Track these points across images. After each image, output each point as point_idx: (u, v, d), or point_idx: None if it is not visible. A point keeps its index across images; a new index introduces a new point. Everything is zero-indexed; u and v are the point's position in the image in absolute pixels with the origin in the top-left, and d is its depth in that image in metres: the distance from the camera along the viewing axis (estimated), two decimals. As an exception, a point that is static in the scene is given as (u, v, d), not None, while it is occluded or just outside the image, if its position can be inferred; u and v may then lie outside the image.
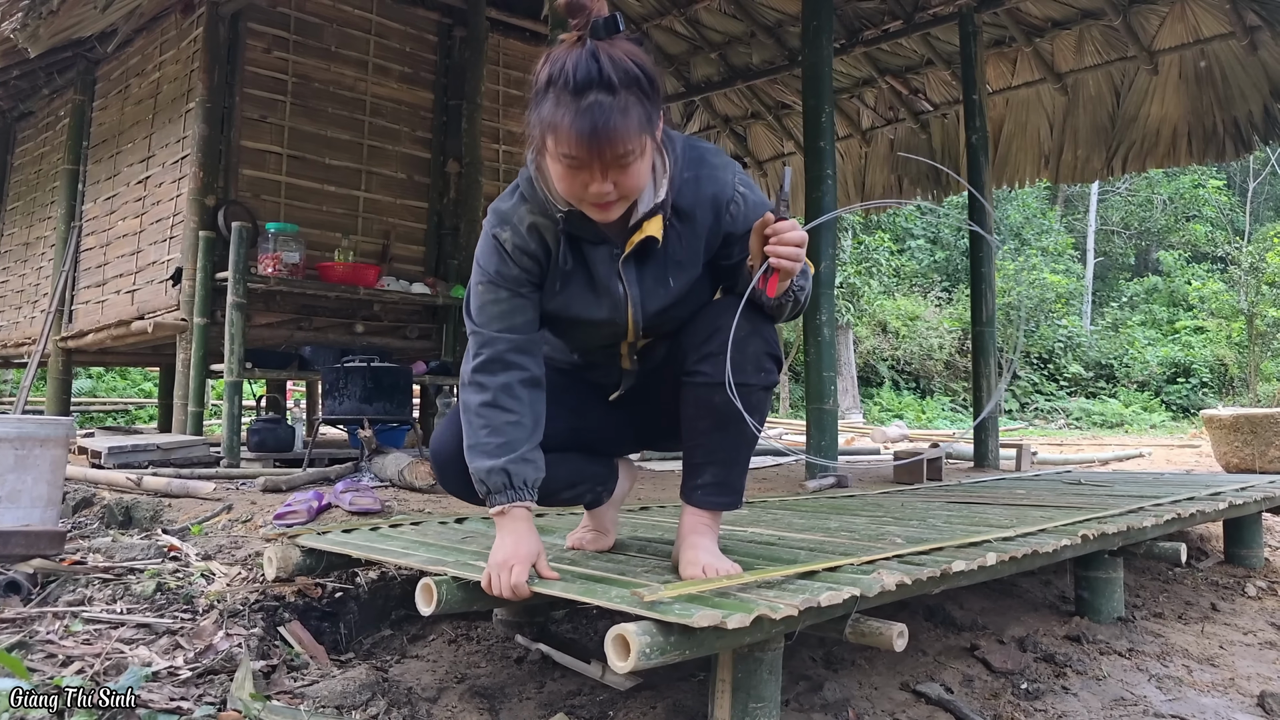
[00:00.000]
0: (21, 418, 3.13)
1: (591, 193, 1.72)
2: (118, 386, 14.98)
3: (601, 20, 1.70)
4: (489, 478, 1.87)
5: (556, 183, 1.77)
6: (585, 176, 1.71)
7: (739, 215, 1.92)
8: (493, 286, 1.91)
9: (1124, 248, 29.97)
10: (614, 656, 1.48)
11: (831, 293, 4.96)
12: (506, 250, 1.90)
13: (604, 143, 1.65)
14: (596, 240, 1.89)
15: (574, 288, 1.93)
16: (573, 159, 1.68)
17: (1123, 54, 6.80)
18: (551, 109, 1.68)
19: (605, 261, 1.91)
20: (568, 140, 1.66)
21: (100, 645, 2.12)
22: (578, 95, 1.65)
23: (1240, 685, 2.47)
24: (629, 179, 1.73)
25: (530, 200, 1.90)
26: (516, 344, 1.91)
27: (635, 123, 1.67)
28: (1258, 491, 3.85)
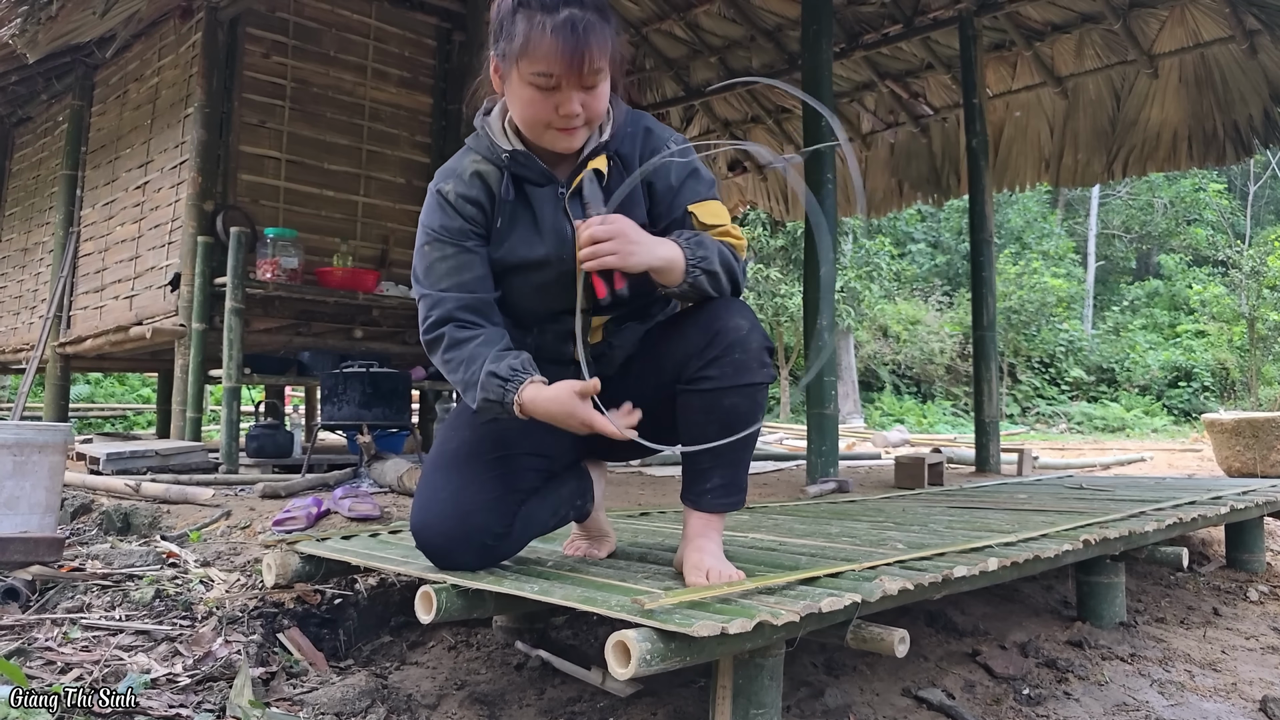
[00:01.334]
0: (20, 424, 3.12)
1: (561, 114, 1.76)
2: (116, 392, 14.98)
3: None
4: (486, 392, 1.80)
5: (524, 110, 1.79)
6: (557, 98, 1.75)
7: (661, 166, 1.92)
8: (438, 244, 1.89)
9: (1125, 251, 30.01)
10: (614, 663, 1.47)
11: (832, 297, 4.96)
12: (449, 201, 1.90)
13: (582, 50, 1.70)
14: (542, 181, 1.91)
15: (518, 229, 1.92)
16: (547, 76, 1.72)
17: (1123, 58, 6.80)
18: (525, 27, 1.71)
19: (550, 200, 1.92)
20: (547, 53, 1.70)
21: (99, 652, 2.11)
22: (551, 11, 1.70)
23: (1242, 690, 2.46)
24: (595, 100, 1.78)
25: (475, 149, 1.93)
26: (467, 303, 1.87)
27: (607, 37, 1.74)
28: (1259, 495, 3.84)
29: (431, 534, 1.94)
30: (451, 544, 1.93)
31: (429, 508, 1.95)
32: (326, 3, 6.26)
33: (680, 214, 1.93)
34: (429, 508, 1.95)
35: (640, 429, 2.08)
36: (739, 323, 1.89)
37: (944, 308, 25.19)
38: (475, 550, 1.93)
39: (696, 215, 1.93)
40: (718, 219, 1.95)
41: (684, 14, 7.66)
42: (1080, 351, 24.41)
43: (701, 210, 1.94)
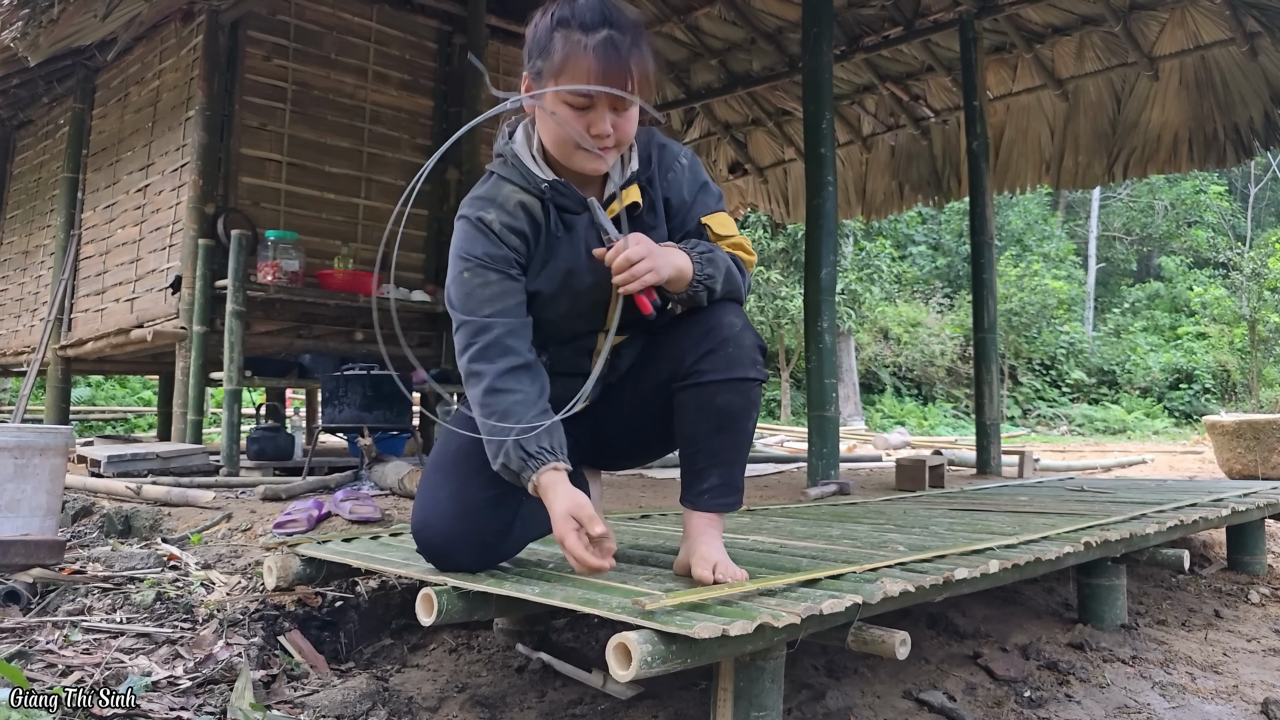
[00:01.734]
0: (21, 426, 3.12)
1: (594, 134, 1.77)
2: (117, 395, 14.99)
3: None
4: (510, 460, 1.80)
5: (554, 131, 1.81)
6: (590, 117, 1.77)
7: (675, 183, 1.98)
8: (481, 269, 1.86)
9: (1125, 253, 30.01)
10: (615, 665, 1.47)
11: (833, 299, 4.95)
12: (494, 230, 1.87)
13: (622, 70, 1.74)
14: (578, 209, 1.92)
15: (560, 258, 1.93)
16: (583, 97, 1.75)
17: (1123, 60, 6.80)
18: (564, 45, 1.74)
19: (587, 228, 1.93)
20: (585, 71, 1.72)
21: (100, 655, 2.11)
22: (591, 31, 1.74)
23: (1244, 693, 2.46)
24: (626, 123, 1.81)
25: (510, 178, 1.91)
26: (511, 328, 1.86)
27: (645, 60, 1.78)
28: (1260, 498, 3.84)
29: (432, 534, 1.94)
30: (452, 543, 1.93)
31: (430, 507, 1.96)
32: (327, 5, 6.27)
33: (695, 226, 1.99)
34: (430, 507, 1.96)
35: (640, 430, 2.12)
36: (732, 320, 1.93)
37: (945, 310, 25.19)
38: (476, 549, 1.94)
39: (711, 227, 1.99)
40: (728, 230, 2.01)
41: (684, 17, 7.67)
42: (1081, 353, 24.41)
43: (714, 222, 2.00)
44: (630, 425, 2.12)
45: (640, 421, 2.10)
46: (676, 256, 1.83)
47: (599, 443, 2.18)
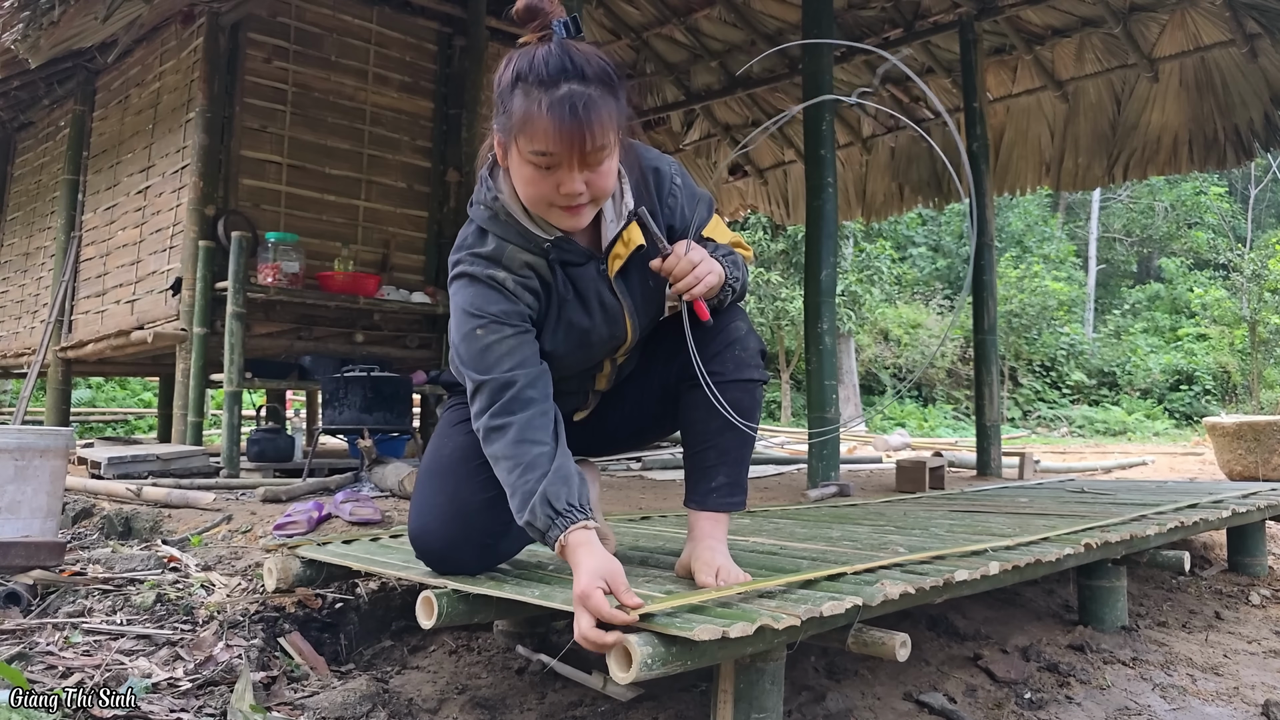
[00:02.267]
0: (21, 428, 3.12)
1: (563, 194, 1.69)
2: (117, 396, 14.99)
3: (564, 21, 1.71)
4: (535, 518, 1.71)
5: (525, 188, 1.72)
6: (557, 177, 1.67)
7: (675, 207, 1.96)
8: (497, 326, 1.80)
9: (1126, 255, 30.01)
10: (616, 667, 1.47)
11: (833, 301, 4.95)
12: (508, 289, 1.81)
13: (582, 130, 1.62)
14: (582, 260, 1.88)
15: (570, 314, 1.90)
16: (546, 155, 1.65)
17: (1123, 61, 6.80)
18: (523, 103, 1.64)
19: (593, 279, 1.89)
20: (544, 132, 1.62)
21: (100, 657, 2.11)
22: (550, 86, 1.63)
23: (1244, 694, 2.46)
24: (600, 179, 1.71)
25: (510, 238, 1.83)
26: (531, 378, 1.79)
27: (609, 114, 1.66)
28: (1261, 499, 3.83)
29: (431, 538, 1.94)
30: (451, 546, 1.93)
31: (427, 512, 1.96)
32: (328, 8, 6.27)
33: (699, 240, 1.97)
34: (427, 512, 1.96)
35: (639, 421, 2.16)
36: (739, 324, 1.99)
37: (945, 311, 25.20)
38: (475, 550, 1.93)
39: (714, 239, 1.99)
40: (726, 235, 2.04)
41: (684, 18, 7.67)
42: (1081, 355, 24.40)
43: (712, 232, 2.01)
44: (629, 418, 2.16)
45: (640, 414, 2.14)
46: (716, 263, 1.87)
47: (597, 434, 2.19)
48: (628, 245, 1.89)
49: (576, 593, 1.58)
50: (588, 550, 1.65)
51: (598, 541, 1.68)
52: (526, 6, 1.72)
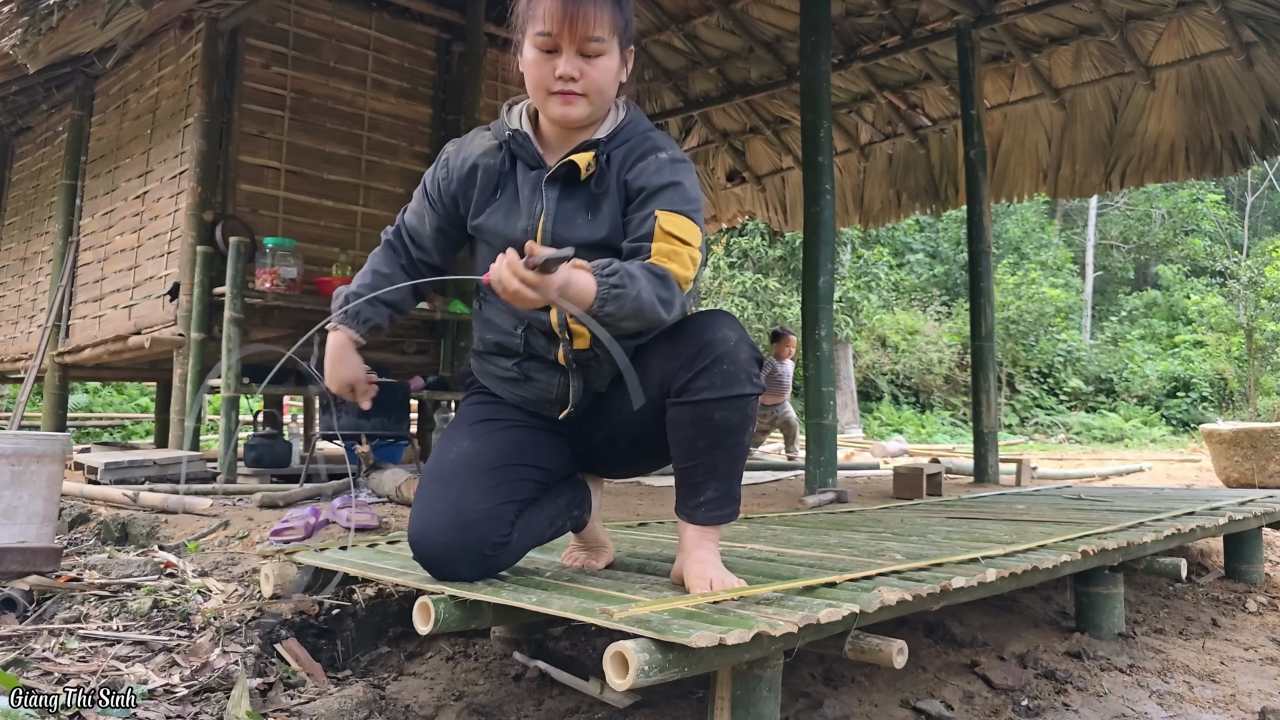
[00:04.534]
0: (18, 433, 3.12)
1: (559, 75, 1.86)
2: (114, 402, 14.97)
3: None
4: (335, 300, 2.13)
5: (530, 78, 1.92)
6: (556, 61, 1.86)
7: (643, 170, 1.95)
8: (423, 192, 2.15)
9: (1123, 262, 30.04)
10: (612, 674, 1.47)
11: (830, 307, 4.96)
12: (447, 162, 2.10)
13: (579, 9, 1.82)
14: (533, 164, 2.02)
15: (501, 202, 2.05)
16: (546, 36, 1.84)
17: (1120, 69, 6.82)
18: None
19: (532, 182, 2.01)
20: (546, 11, 1.83)
21: (96, 663, 2.11)
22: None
23: (1241, 701, 2.46)
24: (595, 71, 1.88)
25: (492, 128, 2.09)
26: (410, 233, 2.18)
27: (609, 9, 1.86)
28: (1258, 506, 3.84)
29: (430, 544, 1.94)
30: (450, 554, 1.92)
31: (427, 518, 1.95)
32: (326, 14, 6.28)
33: (648, 214, 1.89)
34: (427, 518, 1.95)
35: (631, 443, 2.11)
36: (727, 334, 1.89)
37: (942, 318, 25.21)
38: (474, 560, 1.93)
39: (659, 219, 1.87)
40: (681, 233, 1.87)
41: (682, 25, 7.69)
42: (1078, 362, 24.41)
43: (666, 217, 1.87)
44: (620, 437, 2.11)
45: (630, 435, 2.08)
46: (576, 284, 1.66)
47: (591, 453, 2.17)
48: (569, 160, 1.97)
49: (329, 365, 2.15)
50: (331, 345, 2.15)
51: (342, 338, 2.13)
52: None
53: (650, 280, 1.77)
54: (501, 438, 2.05)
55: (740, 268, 20.43)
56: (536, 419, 2.12)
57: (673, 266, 1.83)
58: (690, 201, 1.93)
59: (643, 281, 1.74)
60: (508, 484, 1.97)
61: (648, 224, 1.88)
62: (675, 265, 1.84)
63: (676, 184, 1.93)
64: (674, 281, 1.81)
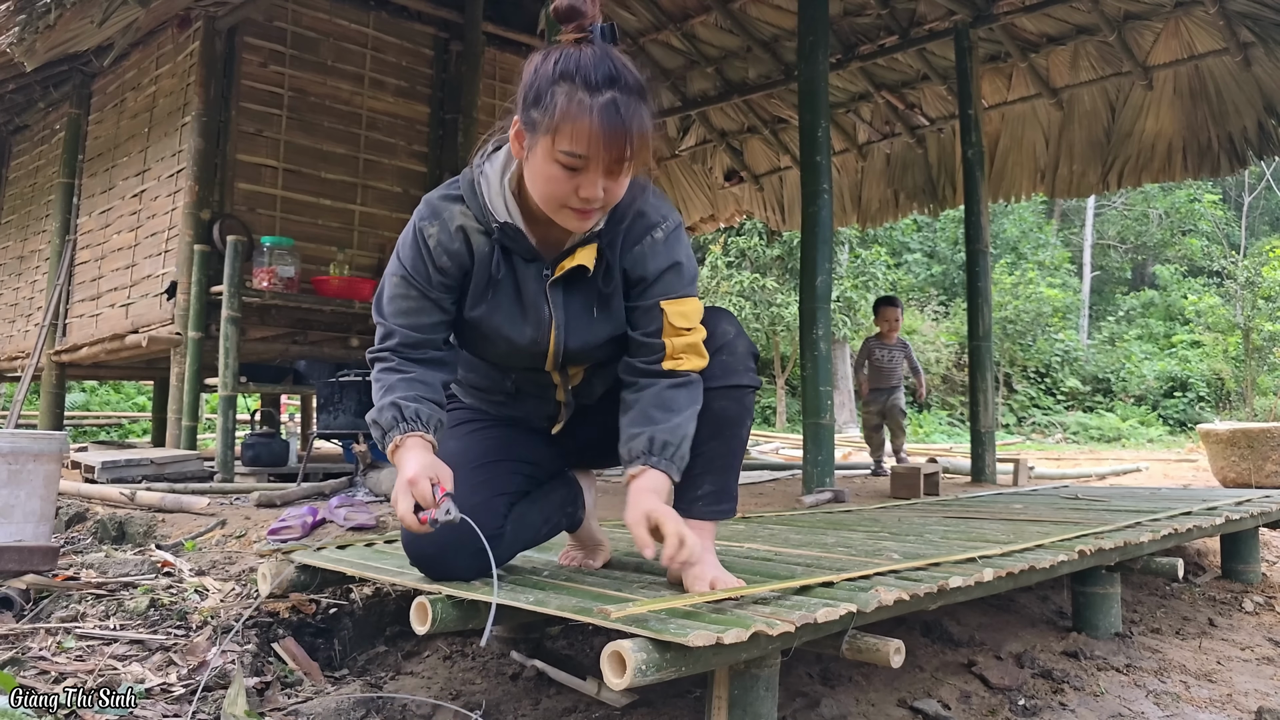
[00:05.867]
0: (14, 432, 3.11)
1: (582, 196, 1.69)
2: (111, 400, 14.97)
3: (605, 27, 1.71)
4: (380, 416, 1.82)
5: (542, 186, 1.73)
6: (581, 179, 1.68)
7: (641, 258, 1.88)
8: (405, 283, 1.87)
9: (1120, 262, 30.07)
10: (610, 674, 1.47)
11: (828, 307, 4.96)
12: (429, 246, 1.85)
13: (620, 140, 1.64)
14: (528, 257, 1.88)
15: (500, 300, 1.90)
16: (577, 157, 1.66)
17: (1118, 69, 6.82)
18: (565, 103, 1.64)
19: (534, 280, 1.89)
20: (585, 135, 1.63)
21: (93, 662, 2.11)
22: (597, 90, 1.64)
23: (1238, 701, 2.46)
24: (618, 187, 1.73)
25: (468, 203, 1.86)
26: (414, 341, 1.88)
27: (647, 124, 1.68)
28: (1254, 506, 3.84)
29: (425, 543, 1.93)
30: (446, 551, 1.91)
31: None
32: (324, 12, 6.28)
33: (652, 304, 1.89)
34: None
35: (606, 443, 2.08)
36: (726, 328, 1.95)
37: (940, 317, 25.23)
38: (470, 554, 1.90)
39: (667, 315, 1.88)
40: (688, 321, 1.89)
41: (680, 25, 7.68)
42: (1076, 361, 24.44)
43: (672, 309, 1.88)
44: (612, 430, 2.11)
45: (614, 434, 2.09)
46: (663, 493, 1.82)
47: (581, 446, 2.18)
48: (574, 260, 1.86)
49: (405, 478, 1.73)
50: (421, 451, 1.79)
51: (431, 451, 1.81)
52: (569, 6, 1.70)
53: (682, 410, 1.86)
54: (487, 435, 2.07)
55: (738, 267, 20.43)
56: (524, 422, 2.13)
57: (692, 364, 1.89)
58: (690, 279, 1.93)
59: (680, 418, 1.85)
60: (497, 478, 1.98)
61: (654, 317, 1.89)
62: (694, 360, 1.90)
63: (674, 265, 1.90)
64: (693, 380, 1.90)
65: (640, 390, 1.88)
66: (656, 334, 1.88)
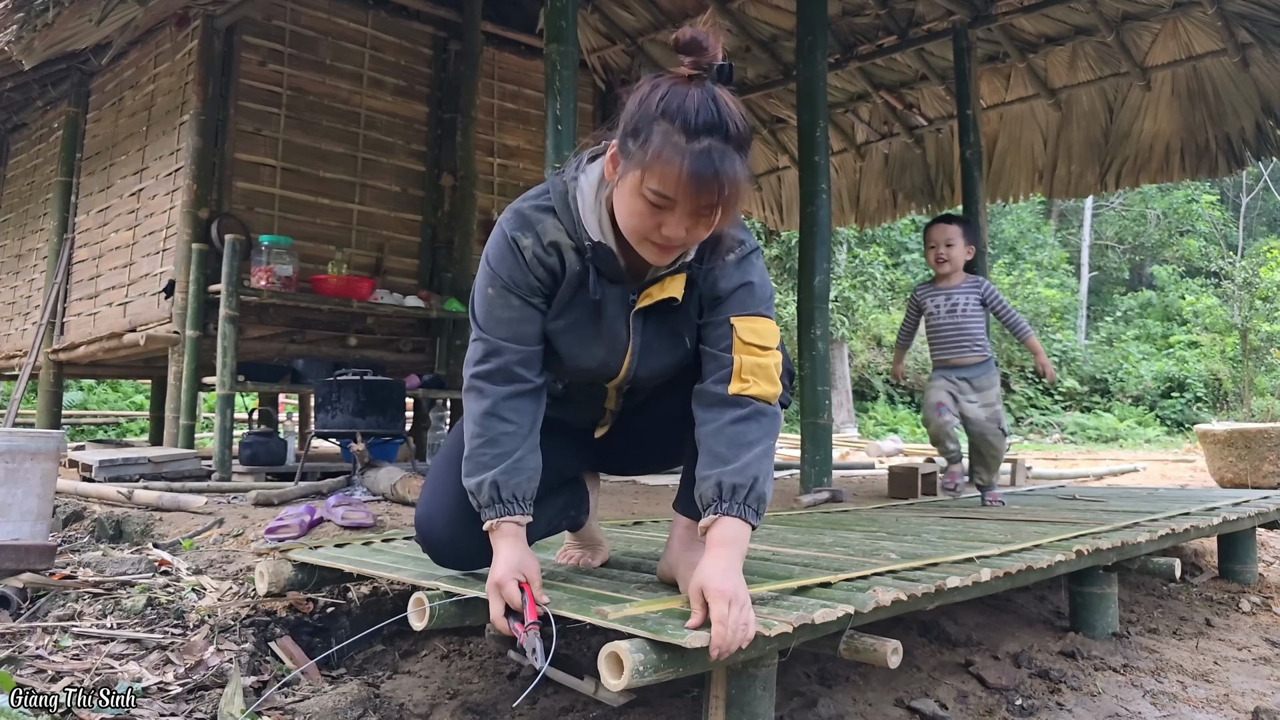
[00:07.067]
0: (12, 431, 3.11)
1: (664, 234, 1.66)
2: (109, 399, 14.95)
3: (723, 67, 1.65)
4: (480, 491, 1.82)
5: (626, 217, 1.70)
6: (665, 217, 1.65)
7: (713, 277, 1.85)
8: (505, 292, 1.82)
9: (1118, 262, 30.09)
10: (607, 674, 1.47)
11: (826, 307, 4.96)
12: (525, 257, 1.81)
13: (710, 190, 1.60)
14: (614, 279, 1.84)
15: (578, 319, 1.87)
16: (665, 198, 1.62)
17: (1116, 70, 6.82)
18: (662, 142, 1.60)
19: (617, 302, 1.86)
20: (676, 179, 1.59)
21: (90, 661, 2.10)
22: (695, 136, 1.59)
23: (1234, 701, 2.46)
24: (702, 230, 1.69)
25: (560, 216, 1.82)
26: (523, 356, 1.84)
27: (742, 178, 1.63)
28: (1251, 507, 3.85)
29: (438, 525, 1.94)
30: (455, 534, 1.92)
31: (435, 500, 1.97)
32: (323, 11, 6.28)
33: (723, 320, 1.85)
34: (435, 500, 1.97)
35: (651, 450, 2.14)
36: None
37: (938, 318, 25.21)
38: (480, 537, 1.87)
39: (736, 329, 1.84)
40: (759, 338, 1.84)
41: (679, 24, 7.67)
42: (1074, 362, 24.45)
43: (742, 325, 1.84)
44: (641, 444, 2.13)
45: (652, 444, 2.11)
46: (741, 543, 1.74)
47: (607, 451, 2.19)
48: (663, 290, 1.83)
49: (493, 579, 1.76)
50: (512, 542, 1.80)
51: (523, 538, 1.83)
52: (692, 39, 1.64)
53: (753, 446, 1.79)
54: None
55: (736, 267, 20.39)
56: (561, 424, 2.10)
57: (761, 390, 1.82)
58: (763, 300, 1.89)
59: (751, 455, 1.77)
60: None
61: (725, 334, 1.84)
62: (764, 386, 1.82)
63: (747, 284, 1.87)
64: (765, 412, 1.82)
65: (709, 425, 1.81)
66: (727, 349, 1.84)
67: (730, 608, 1.57)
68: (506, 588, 1.74)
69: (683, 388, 1.94)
